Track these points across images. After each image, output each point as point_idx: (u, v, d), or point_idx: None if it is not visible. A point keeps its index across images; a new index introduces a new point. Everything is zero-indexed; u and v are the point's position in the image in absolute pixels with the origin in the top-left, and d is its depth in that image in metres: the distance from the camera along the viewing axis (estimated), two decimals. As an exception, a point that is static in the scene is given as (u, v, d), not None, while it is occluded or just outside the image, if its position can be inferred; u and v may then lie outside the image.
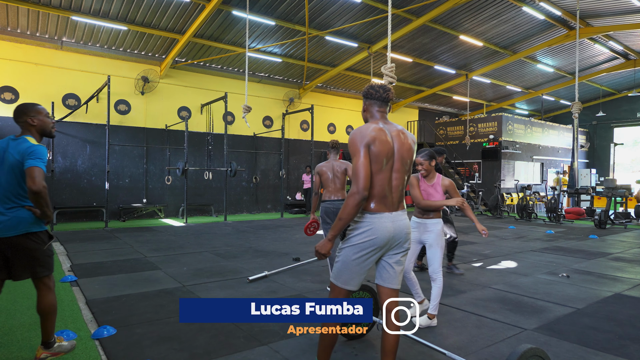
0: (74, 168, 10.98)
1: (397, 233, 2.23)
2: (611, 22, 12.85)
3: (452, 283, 4.95)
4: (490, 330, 3.42)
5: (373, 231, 2.19)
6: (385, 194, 2.21)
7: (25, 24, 9.99)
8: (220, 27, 11.30)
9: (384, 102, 2.33)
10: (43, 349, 2.80)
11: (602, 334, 3.39)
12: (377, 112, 2.33)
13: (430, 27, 12.56)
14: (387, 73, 4.07)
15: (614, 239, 8.93)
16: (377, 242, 2.19)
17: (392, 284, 2.29)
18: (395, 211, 2.24)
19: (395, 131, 2.26)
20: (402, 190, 2.28)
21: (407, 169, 2.28)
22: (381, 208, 2.21)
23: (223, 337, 3.22)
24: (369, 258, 2.22)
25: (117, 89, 11.24)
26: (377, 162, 2.16)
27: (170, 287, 4.64)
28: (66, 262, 5.95)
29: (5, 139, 2.69)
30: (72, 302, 4.06)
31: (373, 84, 2.37)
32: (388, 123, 2.31)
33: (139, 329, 3.38)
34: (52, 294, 2.79)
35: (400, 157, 2.24)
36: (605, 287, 4.86)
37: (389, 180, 2.21)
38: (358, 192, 2.09)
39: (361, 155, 2.13)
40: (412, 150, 2.29)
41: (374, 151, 2.15)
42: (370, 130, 2.18)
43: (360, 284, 2.29)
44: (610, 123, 21.81)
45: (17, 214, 2.58)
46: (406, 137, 2.29)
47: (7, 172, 2.58)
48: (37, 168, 2.48)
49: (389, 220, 2.21)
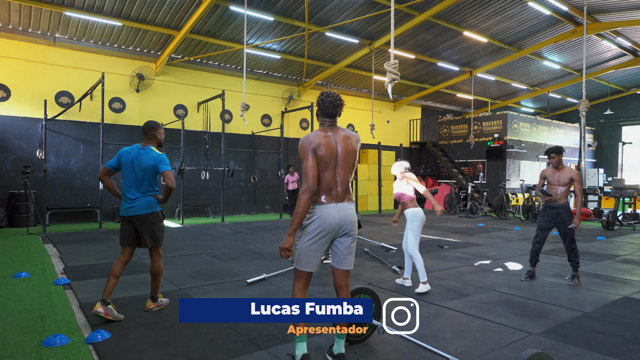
0: (67, 168, 10.98)
1: (343, 221, 2.68)
2: (619, 18, 12.84)
3: (455, 286, 4.95)
4: (495, 335, 3.42)
5: (321, 219, 2.64)
6: (330, 189, 2.67)
7: (17, 20, 9.99)
8: (217, 22, 11.30)
9: (332, 117, 2.77)
10: (152, 302, 3.93)
11: (610, 338, 3.39)
12: (325, 122, 2.79)
13: (433, 23, 12.56)
14: (390, 70, 4.06)
15: (623, 240, 8.93)
16: (325, 228, 2.65)
17: (343, 265, 2.76)
18: (341, 202, 2.69)
19: (340, 136, 2.73)
20: (347, 185, 2.72)
21: (350, 167, 2.73)
22: (328, 200, 2.67)
23: (220, 341, 3.22)
24: (321, 243, 2.66)
25: (111, 86, 11.24)
26: (323, 162, 2.63)
27: (166, 290, 4.64)
28: (59, 264, 5.95)
29: (134, 147, 3.90)
30: (65, 306, 4.06)
31: (325, 97, 2.76)
32: (335, 129, 2.76)
33: (133, 333, 3.38)
34: (160, 261, 3.91)
35: (344, 157, 2.69)
36: (614, 290, 4.86)
37: (334, 177, 2.68)
38: (308, 188, 2.57)
39: (309, 159, 2.60)
40: (354, 152, 2.74)
41: (319, 154, 2.62)
42: (316, 137, 2.66)
43: (318, 266, 2.71)
44: (619, 121, 21.81)
45: (148, 199, 3.79)
46: (350, 141, 2.74)
47: (143, 171, 3.79)
48: (170, 171, 3.76)
49: (334, 209, 2.66)
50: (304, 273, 2.70)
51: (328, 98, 2.74)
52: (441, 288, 4.85)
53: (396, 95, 18.30)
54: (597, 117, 22.03)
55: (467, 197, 14.76)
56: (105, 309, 3.54)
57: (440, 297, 4.46)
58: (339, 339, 2.77)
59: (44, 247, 7.32)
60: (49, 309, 3.97)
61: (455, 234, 9.65)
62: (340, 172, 2.68)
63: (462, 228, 10.75)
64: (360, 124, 16.95)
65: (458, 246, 7.88)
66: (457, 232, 9.98)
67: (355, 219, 2.74)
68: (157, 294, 3.95)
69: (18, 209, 9.75)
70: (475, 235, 9.39)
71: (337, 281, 2.78)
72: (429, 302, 4.29)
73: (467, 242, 8.44)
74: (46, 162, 9.64)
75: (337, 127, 2.79)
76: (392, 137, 18.46)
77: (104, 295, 3.60)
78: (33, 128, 10.55)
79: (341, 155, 2.68)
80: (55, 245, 7.46)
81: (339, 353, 2.75)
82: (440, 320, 3.76)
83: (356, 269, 5.84)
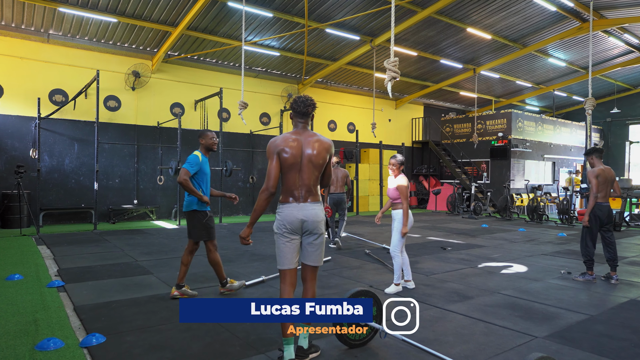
0: (61, 167, 10.98)
1: (306, 220, 2.82)
2: (626, 14, 12.84)
3: (458, 289, 4.95)
4: (499, 338, 3.42)
5: (283, 217, 2.83)
6: (293, 190, 2.84)
7: (10, 16, 9.99)
8: (215, 19, 11.30)
9: (304, 115, 2.91)
10: (221, 287, 4.58)
11: (617, 342, 3.39)
12: (298, 123, 2.94)
13: (436, 19, 12.56)
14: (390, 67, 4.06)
15: (629, 242, 8.93)
16: (288, 226, 2.81)
17: (307, 260, 2.91)
18: (304, 202, 2.84)
19: (309, 141, 2.85)
20: (310, 186, 2.85)
21: (315, 171, 2.85)
22: (290, 200, 2.84)
23: (218, 345, 3.22)
24: (289, 240, 2.84)
25: (106, 84, 11.24)
26: (286, 165, 2.81)
27: (162, 292, 4.65)
28: (53, 266, 5.96)
29: None
30: (59, 309, 4.06)
31: (297, 98, 2.91)
32: (306, 133, 2.89)
33: (129, 336, 3.38)
34: (214, 254, 4.48)
35: (308, 161, 2.82)
36: (620, 293, 4.86)
37: (297, 179, 2.83)
38: (267, 189, 2.78)
39: (273, 161, 2.80)
40: (321, 156, 2.85)
41: (283, 157, 2.79)
42: (282, 141, 2.82)
43: (293, 264, 2.85)
44: (626, 120, 21.81)
45: (189, 199, 4.41)
46: (319, 145, 2.85)
47: None
48: (184, 168, 4.28)
49: (296, 209, 2.82)
50: (283, 271, 2.87)
51: (300, 99, 2.91)
52: (444, 290, 4.85)
53: (398, 94, 18.30)
54: (604, 115, 22.03)
55: (471, 198, 14.77)
56: (180, 292, 4.37)
57: (443, 300, 4.46)
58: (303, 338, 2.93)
59: (37, 248, 7.32)
60: (42, 312, 3.97)
61: (458, 235, 9.65)
62: (303, 175, 2.83)
63: (466, 229, 10.75)
64: (361, 122, 16.96)
65: (461, 248, 7.89)
66: (460, 233, 9.99)
67: (319, 219, 2.85)
68: (224, 279, 4.56)
69: (11, 210, 9.75)
70: (479, 237, 9.39)
71: (302, 274, 2.99)
72: (432, 305, 4.30)
73: (471, 243, 8.45)
74: (40, 161, 9.65)
75: (310, 131, 2.93)
76: (394, 136, 18.46)
77: (178, 280, 4.41)
78: (26, 127, 10.55)
79: (306, 159, 2.82)
80: (49, 246, 7.46)
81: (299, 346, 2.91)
82: (443, 323, 3.76)
83: (357, 271, 5.84)
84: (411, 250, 7.54)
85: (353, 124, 16.96)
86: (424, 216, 14.34)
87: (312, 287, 2.95)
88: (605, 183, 5.40)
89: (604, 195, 5.41)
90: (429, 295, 4.67)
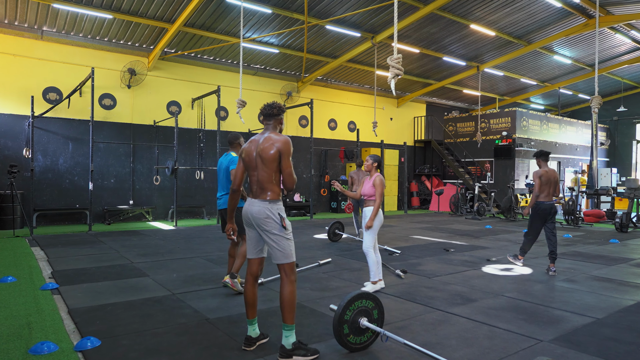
0: (55, 167, 10.98)
1: (252, 215, 3.11)
2: (633, 10, 12.84)
3: (462, 291, 4.95)
4: (503, 342, 3.43)
5: (242, 211, 3.24)
6: (251, 186, 3.21)
7: (3, 12, 10.00)
8: (212, 15, 11.30)
9: (267, 116, 3.26)
10: (229, 277, 4.64)
11: (624, 345, 3.39)
12: (265, 124, 3.29)
13: (438, 16, 12.56)
14: (394, 64, 4.05)
15: (637, 243, 8.93)
16: (245, 219, 3.20)
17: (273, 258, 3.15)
18: (255, 199, 3.15)
19: (263, 139, 3.15)
20: (264, 185, 3.12)
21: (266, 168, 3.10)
22: (249, 196, 3.22)
23: (216, 349, 3.23)
24: (249, 232, 3.23)
25: (101, 82, 11.24)
26: (246, 164, 3.24)
27: (158, 295, 4.65)
28: (47, 268, 5.96)
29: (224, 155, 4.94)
30: (53, 312, 4.06)
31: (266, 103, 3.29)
32: (264, 135, 3.19)
33: (125, 340, 3.38)
34: (244, 246, 4.52)
35: (260, 160, 3.11)
36: (627, 295, 4.86)
37: (253, 176, 3.19)
38: (232, 188, 3.34)
39: (239, 163, 3.30)
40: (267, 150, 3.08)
41: (243, 159, 3.24)
42: (245, 145, 3.28)
43: (253, 254, 3.24)
44: (633, 119, 21.81)
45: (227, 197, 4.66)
46: (269, 140, 3.11)
47: (224, 173, 4.82)
48: (233, 170, 4.37)
49: (249, 204, 3.18)
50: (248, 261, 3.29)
51: (268, 103, 3.30)
52: (447, 293, 4.85)
53: (400, 92, 18.30)
54: (610, 114, 22.04)
55: (474, 198, 14.77)
56: (232, 281, 4.57)
57: (445, 303, 4.46)
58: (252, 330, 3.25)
59: (31, 250, 7.32)
60: (36, 315, 3.97)
61: (461, 236, 9.65)
62: (256, 173, 3.16)
63: (469, 230, 10.75)
64: (362, 121, 16.96)
65: (464, 249, 7.89)
66: (463, 234, 9.99)
67: (262, 216, 3.06)
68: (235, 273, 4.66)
69: (4, 211, 9.75)
70: (483, 238, 9.39)
71: None
72: (434, 307, 4.30)
73: (474, 245, 8.45)
74: (33, 161, 9.64)
75: (273, 132, 3.20)
76: (396, 135, 18.46)
77: (232, 270, 4.64)
78: (19, 125, 10.56)
79: (258, 158, 3.14)
80: (42, 248, 7.46)
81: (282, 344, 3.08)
82: (446, 326, 3.76)
83: (358, 273, 5.84)
84: (413, 251, 7.55)
85: (354, 123, 16.96)
86: (426, 217, 14.34)
87: (285, 284, 3.10)
88: (548, 183, 6.08)
89: (546, 195, 6.08)
90: (432, 297, 4.67)
